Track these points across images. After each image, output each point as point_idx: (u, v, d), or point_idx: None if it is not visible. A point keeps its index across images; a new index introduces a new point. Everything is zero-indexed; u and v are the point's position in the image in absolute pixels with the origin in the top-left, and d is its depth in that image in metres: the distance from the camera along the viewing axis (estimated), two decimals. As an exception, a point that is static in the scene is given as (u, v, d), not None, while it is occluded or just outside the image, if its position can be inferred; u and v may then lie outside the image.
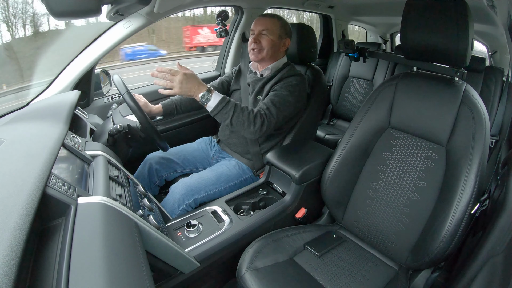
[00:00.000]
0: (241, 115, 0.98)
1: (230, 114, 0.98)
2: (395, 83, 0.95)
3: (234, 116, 0.98)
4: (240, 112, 0.99)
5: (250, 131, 1.01)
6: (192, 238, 0.86)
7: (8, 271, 0.32)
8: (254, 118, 1.00)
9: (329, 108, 2.51)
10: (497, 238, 0.60)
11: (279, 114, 1.06)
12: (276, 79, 1.17)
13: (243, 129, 1.01)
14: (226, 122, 0.99)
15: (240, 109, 0.99)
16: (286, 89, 1.11)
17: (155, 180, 1.25)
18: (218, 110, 0.97)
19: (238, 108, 0.99)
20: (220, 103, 0.97)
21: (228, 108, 0.97)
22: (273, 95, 1.10)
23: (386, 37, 3.36)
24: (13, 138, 0.64)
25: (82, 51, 1.28)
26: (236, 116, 0.98)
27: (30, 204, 0.42)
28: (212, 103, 0.96)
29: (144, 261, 0.52)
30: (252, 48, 1.17)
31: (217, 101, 0.96)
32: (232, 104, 0.98)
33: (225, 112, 0.97)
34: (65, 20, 1.90)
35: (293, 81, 1.13)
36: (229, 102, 0.98)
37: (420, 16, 0.82)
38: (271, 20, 1.17)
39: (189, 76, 0.93)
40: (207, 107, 0.97)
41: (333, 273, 0.85)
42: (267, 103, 1.07)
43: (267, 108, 1.05)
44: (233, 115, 0.98)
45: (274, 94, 1.10)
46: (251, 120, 1.00)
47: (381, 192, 0.94)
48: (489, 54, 2.87)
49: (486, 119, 0.78)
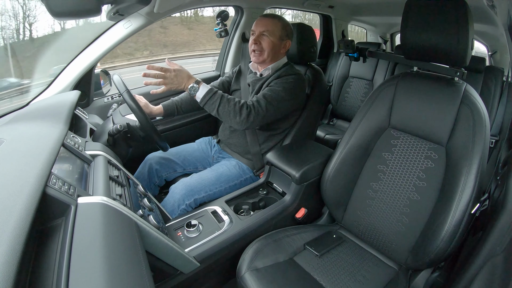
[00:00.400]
0: (227, 105, 1.02)
1: (216, 104, 1.02)
2: (395, 83, 0.95)
3: (220, 106, 1.02)
4: (226, 102, 1.02)
5: (236, 121, 1.04)
6: (192, 238, 0.86)
7: (8, 271, 0.32)
8: (240, 108, 1.03)
9: (329, 108, 2.51)
10: (497, 238, 0.60)
11: (268, 107, 1.07)
12: (274, 77, 1.17)
13: (230, 119, 1.04)
14: (214, 112, 1.04)
15: (226, 100, 1.03)
16: (280, 85, 1.12)
17: (155, 180, 1.25)
18: (206, 100, 1.02)
19: (225, 98, 1.03)
20: (207, 94, 1.01)
21: (214, 98, 1.02)
22: (266, 90, 1.12)
23: (386, 37, 3.36)
24: (13, 138, 0.64)
25: (82, 51, 1.28)
26: (222, 106, 1.02)
27: (30, 204, 0.42)
28: (200, 94, 1.02)
29: (144, 261, 0.52)
30: (253, 49, 1.17)
31: (204, 91, 1.02)
32: (219, 95, 1.03)
33: (211, 103, 1.02)
34: (65, 20, 1.90)
35: (289, 79, 1.14)
36: (216, 93, 1.02)
37: (420, 16, 0.82)
38: (272, 21, 1.16)
39: (178, 71, 0.99)
40: (196, 98, 1.03)
41: (333, 273, 0.85)
42: (258, 96, 1.09)
43: (256, 100, 1.07)
44: (219, 105, 1.02)
45: (267, 89, 1.12)
46: (237, 110, 1.02)
47: (381, 192, 0.94)
48: (489, 54, 2.87)
49: (486, 119, 0.78)
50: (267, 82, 1.18)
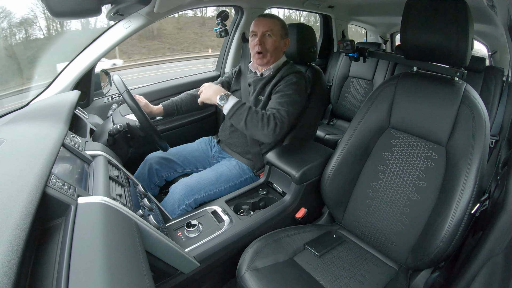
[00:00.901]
0: (255, 116, 1.01)
1: (244, 115, 1.01)
2: (395, 83, 0.95)
3: (248, 117, 1.01)
4: (254, 114, 1.01)
5: (264, 133, 1.02)
6: (192, 238, 0.86)
7: (8, 271, 0.32)
8: (267, 120, 1.01)
9: (329, 108, 2.51)
10: (497, 238, 0.60)
11: (289, 115, 1.07)
12: (277, 78, 1.17)
13: (257, 131, 1.02)
14: (241, 123, 1.02)
15: (254, 111, 1.02)
16: (290, 87, 1.11)
17: (155, 180, 1.25)
18: (233, 112, 1.01)
19: (252, 109, 1.02)
20: (235, 105, 1.02)
21: (242, 109, 1.01)
22: (279, 96, 1.10)
23: (386, 37, 3.36)
24: (13, 138, 0.64)
25: (82, 51, 1.28)
26: (250, 117, 1.01)
27: (30, 204, 0.42)
28: (228, 105, 1.02)
29: (144, 261, 0.52)
30: (257, 51, 1.16)
31: (232, 103, 1.02)
32: (247, 107, 1.02)
33: (239, 113, 1.01)
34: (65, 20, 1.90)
35: (293, 79, 1.14)
36: (244, 105, 1.02)
37: (420, 16, 0.82)
38: (272, 20, 1.16)
39: (210, 85, 1.10)
40: (224, 110, 1.03)
41: (333, 273, 0.85)
42: (275, 106, 1.07)
43: (277, 111, 1.05)
44: (247, 116, 1.01)
45: (280, 95, 1.10)
46: (265, 122, 1.01)
47: (381, 192, 0.94)
48: (489, 54, 2.87)
49: (486, 119, 0.78)
50: (272, 83, 1.17)
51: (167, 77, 1.75)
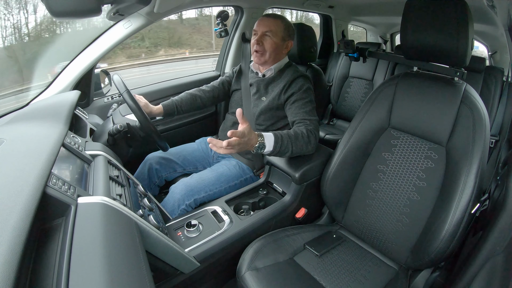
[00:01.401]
0: (298, 142, 0.96)
1: (289, 147, 0.94)
2: (395, 83, 0.95)
3: (293, 147, 0.95)
4: (295, 140, 0.96)
5: (309, 150, 1.01)
6: (192, 238, 0.86)
7: (8, 271, 0.32)
8: (308, 138, 0.99)
9: (329, 108, 2.51)
10: (497, 238, 0.60)
11: (317, 121, 1.08)
12: (284, 81, 1.16)
13: (303, 151, 1.00)
14: (287, 154, 0.96)
15: (294, 138, 0.96)
16: (307, 94, 1.12)
17: (155, 180, 1.25)
18: (277, 151, 0.92)
19: (293, 137, 0.96)
20: (276, 143, 0.91)
21: (285, 143, 0.93)
22: (301, 106, 1.09)
23: (386, 37, 3.36)
24: (13, 138, 0.64)
25: (82, 51, 1.28)
26: (295, 145, 0.95)
27: (30, 204, 0.42)
28: (269, 148, 0.90)
29: (144, 261, 0.52)
30: (255, 50, 1.17)
31: (271, 142, 0.91)
32: (286, 137, 0.94)
33: (283, 148, 0.93)
34: (65, 20, 1.90)
35: (305, 84, 1.14)
36: (283, 137, 0.93)
37: (420, 16, 0.82)
38: (274, 21, 1.16)
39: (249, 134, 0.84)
40: (265, 153, 0.92)
41: (333, 273, 0.85)
42: (304, 117, 1.06)
43: (310, 122, 1.05)
44: (292, 147, 0.95)
45: (301, 105, 1.10)
46: (307, 141, 0.99)
47: (381, 192, 0.94)
48: (489, 54, 2.87)
49: (486, 119, 0.78)
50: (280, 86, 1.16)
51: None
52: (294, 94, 1.13)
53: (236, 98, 1.32)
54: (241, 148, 0.83)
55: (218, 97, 1.37)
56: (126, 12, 1.20)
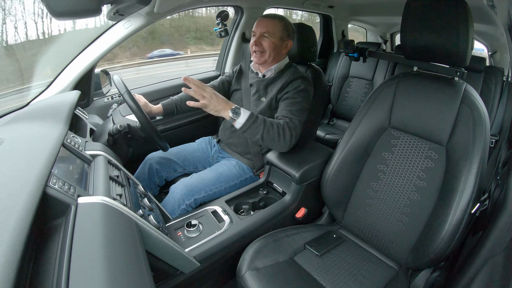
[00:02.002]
0: (271, 129, 0.97)
1: (260, 129, 0.96)
2: (395, 83, 0.95)
3: (264, 130, 0.96)
4: (270, 126, 0.97)
5: (281, 145, 1.00)
6: (192, 238, 0.86)
7: (8, 271, 0.32)
8: (283, 131, 0.99)
9: (329, 108, 2.51)
10: (497, 238, 0.60)
11: (301, 123, 1.07)
12: (282, 82, 1.16)
13: (274, 143, 1.00)
14: (257, 137, 0.97)
15: (269, 123, 0.98)
16: (299, 95, 1.11)
17: (155, 180, 1.25)
18: (249, 126, 0.95)
19: (268, 122, 0.98)
20: (249, 118, 0.95)
21: (258, 123, 0.96)
22: (290, 104, 1.09)
23: (386, 37, 3.36)
24: (13, 138, 0.64)
25: (82, 51, 1.28)
26: (267, 130, 0.97)
27: (30, 204, 0.42)
28: (242, 119, 0.95)
29: (144, 261, 0.52)
30: (254, 50, 1.17)
31: (246, 116, 0.95)
32: (261, 119, 0.97)
33: (255, 127, 0.95)
34: (65, 20, 1.90)
35: (301, 85, 1.13)
36: (258, 117, 0.97)
37: (420, 16, 0.82)
38: (272, 21, 1.16)
39: (216, 95, 0.93)
40: (236, 124, 0.95)
41: (333, 273, 0.85)
42: (287, 114, 1.06)
43: (290, 120, 1.04)
44: (263, 130, 0.96)
45: (290, 103, 1.09)
46: (281, 134, 0.99)
47: (381, 192, 0.94)
48: (489, 54, 2.87)
49: (486, 119, 0.78)
50: (275, 86, 1.17)
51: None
52: (288, 93, 1.13)
53: (236, 98, 1.32)
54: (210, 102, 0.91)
55: None
56: (126, 12, 1.20)
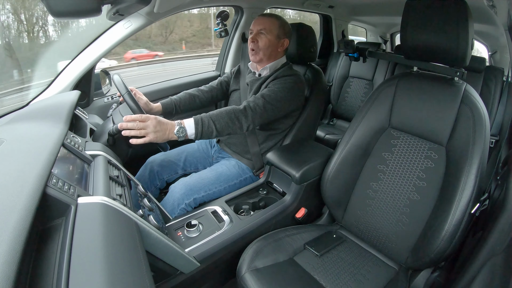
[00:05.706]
0: (221, 120, 0.96)
1: (212, 126, 0.94)
2: (395, 83, 0.95)
3: (216, 125, 0.95)
4: (217, 118, 0.96)
5: (238, 127, 1.00)
6: (192, 238, 0.86)
7: (8, 271, 0.32)
8: (235, 114, 0.99)
9: (329, 108, 2.51)
10: (497, 238, 0.60)
11: (266, 106, 1.05)
12: (272, 78, 1.17)
13: (232, 129, 0.99)
14: (214, 134, 0.96)
15: (215, 115, 0.96)
16: (279, 85, 1.11)
17: (156, 183, 1.25)
18: (200, 131, 0.93)
19: (214, 115, 0.96)
20: (196, 125, 0.93)
21: (206, 122, 0.94)
22: (265, 90, 1.11)
23: (386, 37, 3.36)
24: (13, 138, 0.64)
25: (82, 51, 1.28)
26: (218, 123, 0.95)
27: (30, 204, 0.42)
28: (190, 130, 0.92)
29: (144, 261, 0.52)
30: (251, 48, 1.18)
31: (192, 124, 0.92)
32: (207, 117, 0.95)
33: (206, 128, 0.94)
34: (65, 20, 1.90)
35: (288, 80, 1.13)
36: (202, 118, 0.94)
37: (420, 16, 0.82)
38: (269, 19, 1.17)
39: (159, 119, 0.87)
40: (189, 137, 0.93)
41: (333, 273, 0.85)
42: (255, 96, 1.08)
43: (253, 101, 1.05)
44: (215, 125, 0.95)
45: (266, 90, 1.11)
46: (233, 118, 0.98)
47: (381, 192, 0.94)
48: (489, 54, 2.87)
49: (486, 119, 0.78)
50: (266, 83, 1.18)
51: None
52: (270, 84, 1.14)
53: (234, 98, 1.32)
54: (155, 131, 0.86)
55: (216, 97, 1.38)
56: (126, 12, 1.20)
